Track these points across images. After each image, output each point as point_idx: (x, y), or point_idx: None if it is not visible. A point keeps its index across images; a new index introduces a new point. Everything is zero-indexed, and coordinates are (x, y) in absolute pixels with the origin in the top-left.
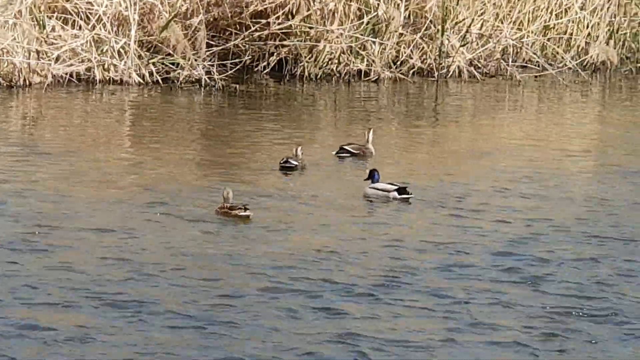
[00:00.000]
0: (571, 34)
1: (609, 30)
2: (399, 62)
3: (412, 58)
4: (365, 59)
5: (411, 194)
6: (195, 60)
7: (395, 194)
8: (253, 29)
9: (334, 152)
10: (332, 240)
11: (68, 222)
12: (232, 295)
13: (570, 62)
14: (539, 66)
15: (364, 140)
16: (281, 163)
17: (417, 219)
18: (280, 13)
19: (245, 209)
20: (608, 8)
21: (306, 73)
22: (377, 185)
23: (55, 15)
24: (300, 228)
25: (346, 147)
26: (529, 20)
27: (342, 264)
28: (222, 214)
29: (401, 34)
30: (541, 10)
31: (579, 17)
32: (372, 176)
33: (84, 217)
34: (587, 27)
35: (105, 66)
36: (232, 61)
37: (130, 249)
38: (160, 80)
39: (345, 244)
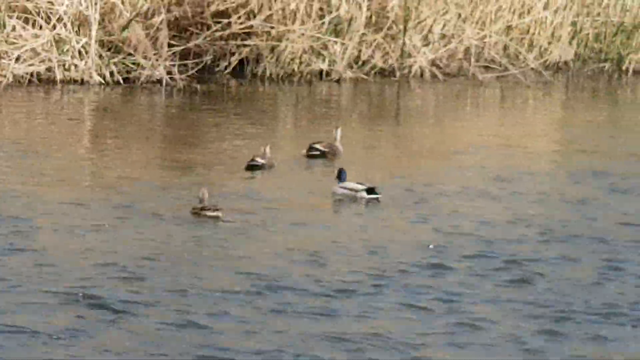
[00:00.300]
0: (533, 34)
1: (571, 30)
2: (360, 62)
3: (373, 58)
4: (327, 59)
5: (380, 194)
6: (157, 60)
7: (364, 193)
8: (214, 28)
9: (304, 151)
10: (306, 239)
11: (35, 222)
12: (212, 295)
13: (532, 62)
14: (501, 66)
15: (332, 138)
16: (248, 162)
17: (388, 218)
18: (241, 13)
19: (215, 210)
20: (571, 8)
21: (268, 73)
22: (345, 184)
23: (15, 14)
24: (272, 228)
25: (316, 146)
26: (491, 20)
27: (317, 263)
28: (194, 214)
29: (363, 34)
30: (504, 10)
31: (542, 17)
32: (340, 175)
33: (49, 217)
34: (550, 27)
35: (66, 66)
36: (194, 61)
37: (102, 249)
38: (121, 80)
39: (318, 243)
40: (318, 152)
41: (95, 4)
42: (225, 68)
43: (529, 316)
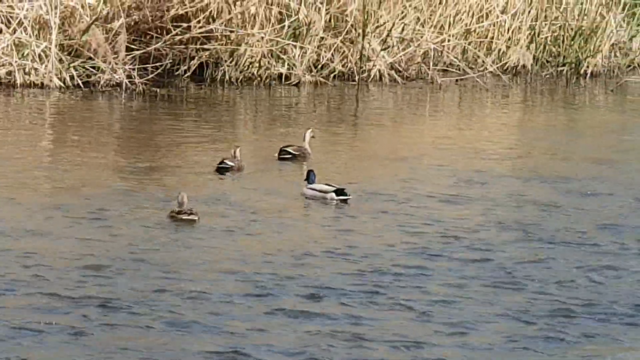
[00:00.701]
0: (492, 38)
1: (530, 34)
2: (319, 66)
3: (332, 62)
4: (286, 63)
5: (349, 195)
6: (117, 64)
7: (333, 195)
8: (174, 32)
9: (275, 154)
10: (278, 242)
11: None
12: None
13: (491, 65)
14: (459, 70)
15: (302, 141)
16: (218, 164)
17: (358, 219)
18: (201, 17)
19: (191, 213)
20: (529, 12)
21: (227, 77)
22: (314, 186)
23: None
24: (247, 230)
25: (287, 149)
26: (450, 24)
27: (292, 265)
28: (170, 217)
29: (322, 38)
30: (462, 14)
31: (500, 21)
32: (309, 177)
33: (11, 221)
34: (508, 31)
35: (26, 70)
36: (153, 65)
37: (76, 251)
38: (81, 84)
39: (291, 245)
40: (289, 155)
41: (55, 8)
42: (185, 72)
43: (515, 318)
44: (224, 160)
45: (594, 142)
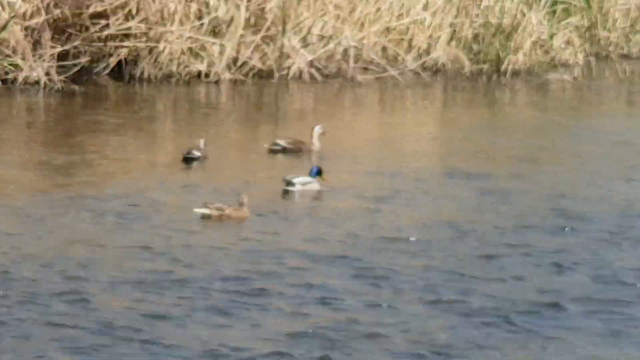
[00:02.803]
0: (412, 36)
1: (450, 32)
2: (239, 64)
3: (252, 59)
4: (205, 60)
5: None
6: (35, 61)
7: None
8: (93, 30)
9: (266, 145)
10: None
11: None
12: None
13: (411, 63)
14: (379, 67)
15: (309, 136)
16: (184, 155)
17: (269, 220)
18: (120, 14)
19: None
20: (449, 10)
21: (146, 74)
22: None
23: None
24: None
25: (279, 142)
26: (370, 22)
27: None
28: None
29: (241, 35)
30: (382, 12)
31: (421, 18)
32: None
33: None
34: (429, 28)
35: None
36: (72, 62)
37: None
38: None
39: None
40: (280, 148)
41: None
42: (104, 69)
43: (466, 314)
44: (191, 151)
45: (514, 140)
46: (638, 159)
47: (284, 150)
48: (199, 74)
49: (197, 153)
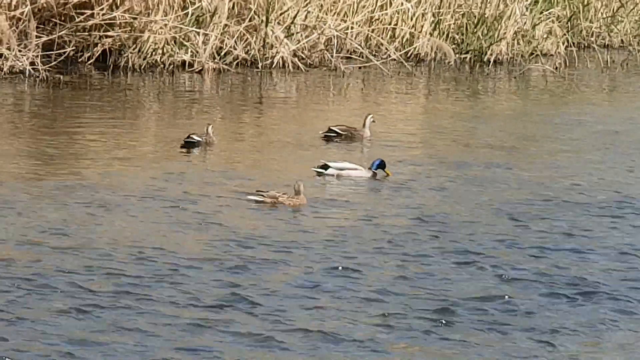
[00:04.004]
0: (395, 26)
1: (433, 21)
2: (223, 53)
3: (236, 49)
4: (189, 50)
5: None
6: (20, 51)
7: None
8: (77, 20)
9: (321, 132)
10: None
11: None
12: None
13: (394, 53)
14: (363, 57)
15: (361, 125)
16: (185, 139)
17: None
18: (104, 4)
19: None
20: (433, 0)
21: (130, 64)
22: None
23: None
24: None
25: (334, 128)
26: (353, 12)
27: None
28: (272, 204)
29: (225, 25)
30: (366, 2)
31: (404, 8)
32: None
33: None
34: (412, 18)
35: None
36: (57, 52)
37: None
38: None
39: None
40: (334, 134)
41: None
42: (88, 59)
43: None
44: (191, 135)
45: (496, 129)
46: (618, 147)
47: (338, 136)
48: (183, 63)
49: (197, 138)
